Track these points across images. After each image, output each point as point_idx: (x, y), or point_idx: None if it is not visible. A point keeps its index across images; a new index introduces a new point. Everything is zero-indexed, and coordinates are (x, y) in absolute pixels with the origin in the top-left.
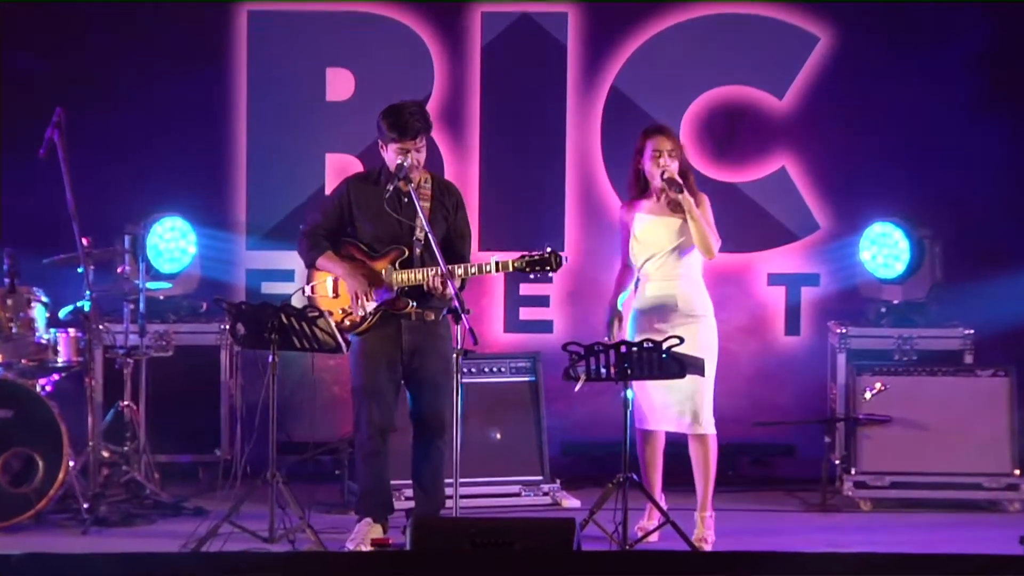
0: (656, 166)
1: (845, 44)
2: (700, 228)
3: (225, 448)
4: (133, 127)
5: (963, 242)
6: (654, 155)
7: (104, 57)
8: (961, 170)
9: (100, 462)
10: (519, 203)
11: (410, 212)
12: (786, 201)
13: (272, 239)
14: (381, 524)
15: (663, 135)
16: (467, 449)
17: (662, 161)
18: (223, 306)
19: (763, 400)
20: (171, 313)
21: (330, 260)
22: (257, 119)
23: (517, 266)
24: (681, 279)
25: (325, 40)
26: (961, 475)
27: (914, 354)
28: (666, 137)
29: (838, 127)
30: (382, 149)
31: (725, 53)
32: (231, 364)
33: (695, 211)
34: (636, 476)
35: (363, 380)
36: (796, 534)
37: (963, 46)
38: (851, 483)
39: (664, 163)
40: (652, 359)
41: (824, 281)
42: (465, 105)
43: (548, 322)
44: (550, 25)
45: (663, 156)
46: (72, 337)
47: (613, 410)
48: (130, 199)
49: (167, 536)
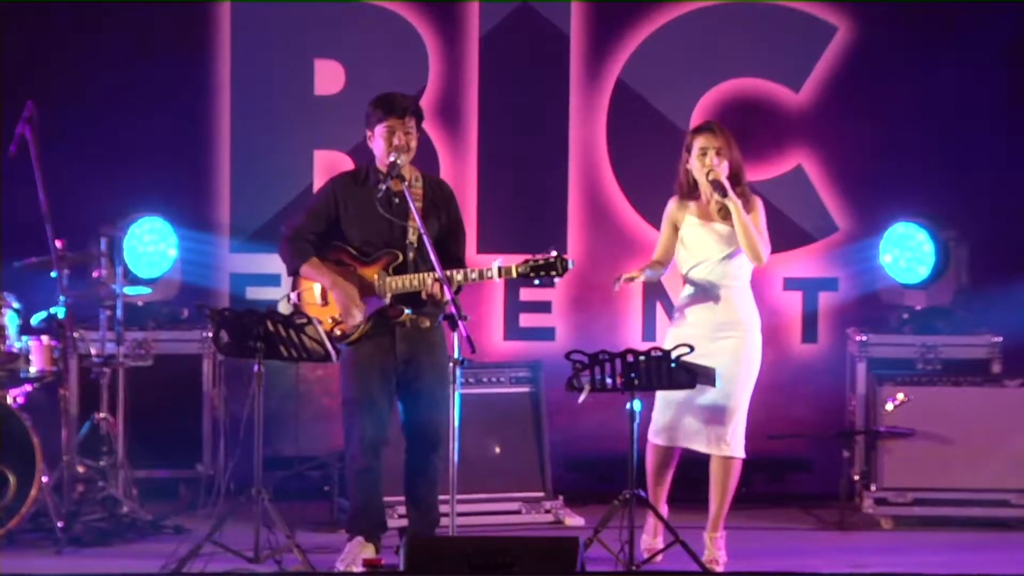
0: (703, 167)
1: (865, 34)
2: (748, 233)
3: (207, 463)
4: (110, 123)
5: (991, 244)
6: (700, 154)
7: (79, 49)
8: (989, 168)
9: (75, 478)
10: (519, 203)
11: (402, 213)
12: (803, 201)
13: (257, 241)
14: (373, 543)
15: (711, 132)
16: (464, 464)
17: (707, 160)
18: (205, 312)
19: (778, 412)
20: (150, 320)
21: (315, 268)
22: (241, 114)
23: (521, 271)
24: (728, 288)
25: (313, 30)
26: (988, 492)
27: (938, 363)
28: (715, 135)
29: (858, 122)
30: (370, 140)
31: (738, 44)
32: (214, 374)
33: (743, 216)
34: (643, 492)
35: (355, 391)
36: (813, 555)
37: (993, 36)
38: (871, 500)
39: (711, 163)
40: (661, 368)
41: (843, 286)
42: (462, 99)
43: (550, 329)
44: (552, 14)
45: (708, 155)
46: (45, 345)
47: (619, 422)
48: (107, 199)
49: (146, 556)
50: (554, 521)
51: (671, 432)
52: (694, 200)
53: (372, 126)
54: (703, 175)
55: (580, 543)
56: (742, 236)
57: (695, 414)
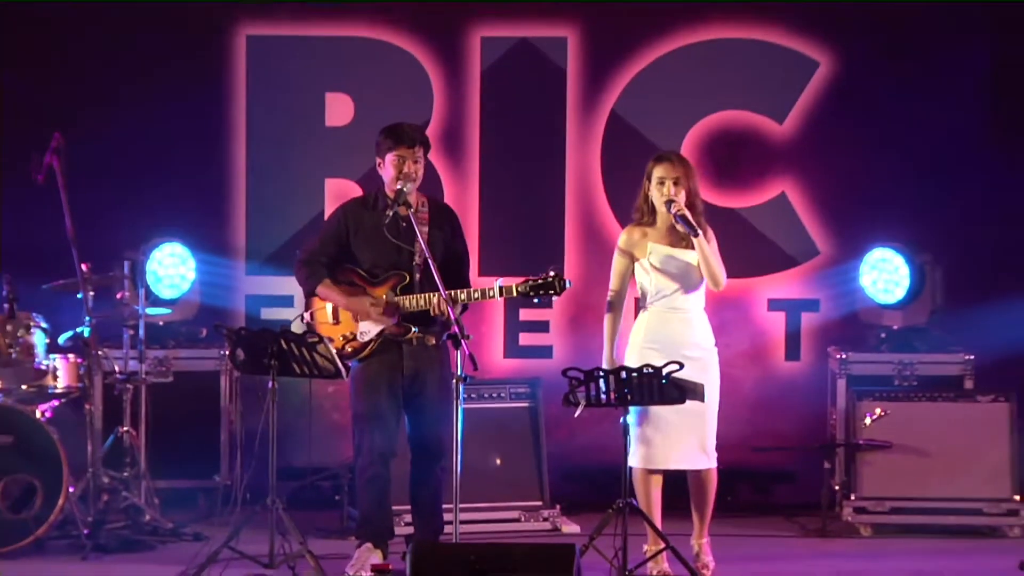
0: (661, 195)
1: (846, 69)
2: (710, 263)
3: (225, 474)
4: (132, 153)
5: (963, 267)
6: (658, 183)
7: (103, 82)
8: (962, 195)
9: (100, 488)
10: (519, 227)
11: (409, 237)
12: (786, 226)
13: (272, 264)
14: (381, 550)
15: (670, 162)
16: (467, 474)
17: (666, 189)
18: (223, 332)
19: (763, 425)
20: (170, 339)
21: (329, 289)
22: (256, 144)
23: (521, 291)
24: (691, 312)
25: (324, 65)
26: (961, 501)
27: (914, 380)
28: (673, 165)
29: (839, 152)
30: (380, 167)
31: (725, 78)
32: (231, 390)
33: (706, 247)
34: (636, 502)
35: (364, 405)
36: (796, 560)
37: (967, 71)
38: (851, 509)
39: (670, 192)
40: (652, 385)
41: (824, 307)
42: (465, 130)
43: (548, 347)
44: (550, 50)
45: (667, 184)
46: (72, 363)
47: (613, 436)
48: (129, 225)
49: (167, 562)
50: (552, 529)
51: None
52: (650, 227)
53: (382, 154)
54: (662, 203)
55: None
56: (704, 265)
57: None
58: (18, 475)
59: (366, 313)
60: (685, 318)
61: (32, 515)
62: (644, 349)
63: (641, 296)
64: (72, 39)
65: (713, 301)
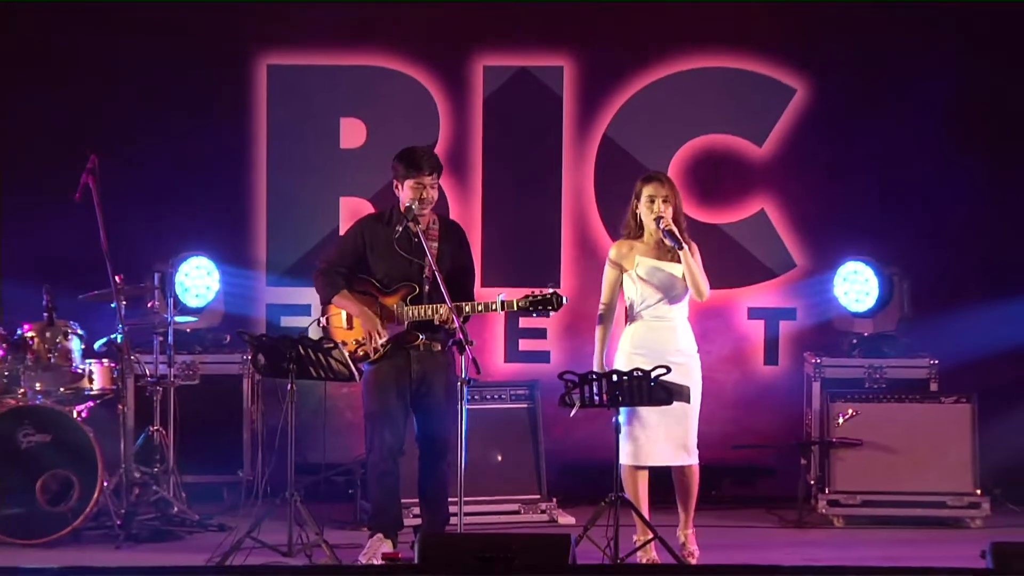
0: (650, 212)
1: (820, 95)
2: (695, 275)
3: (247, 469)
4: (161, 172)
5: (929, 278)
6: (648, 201)
7: (135, 106)
8: (927, 212)
9: (132, 482)
10: (519, 242)
11: (419, 252)
12: (765, 241)
13: (290, 276)
14: (391, 539)
15: (659, 182)
16: (470, 470)
17: (655, 207)
18: (245, 338)
19: (744, 425)
20: (197, 345)
21: (345, 298)
22: (276, 165)
23: (521, 306)
24: (675, 320)
25: (339, 92)
26: (927, 494)
27: (883, 382)
28: (661, 184)
29: (814, 172)
30: (396, 189)
31: (709, 104)
32: (252, 392)
33: (691, 260)
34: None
35: (376, 406)
36: (775, 549)
37: (931, 98)
38: (825, 501)
39: (659, 209)
40: (642, 387)
41: (800, 315)
42: (468, 151)
43: (545, 352)
44: (547, 78)
45: (656, 202)
46: (106, 367)
47: (605, 434)
48: (159, 240)
49: (194, 550)
50: (549, 520)
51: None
52: (638, 241)
53: (400, 179)
54: (651, 219)
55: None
56: (689, 277)
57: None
58: (57, 471)
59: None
60: (670, 326)
61: (69, 508)
62: (632, 355)
63: (629, 306)
64: (105, 69)
65: (697, 310)
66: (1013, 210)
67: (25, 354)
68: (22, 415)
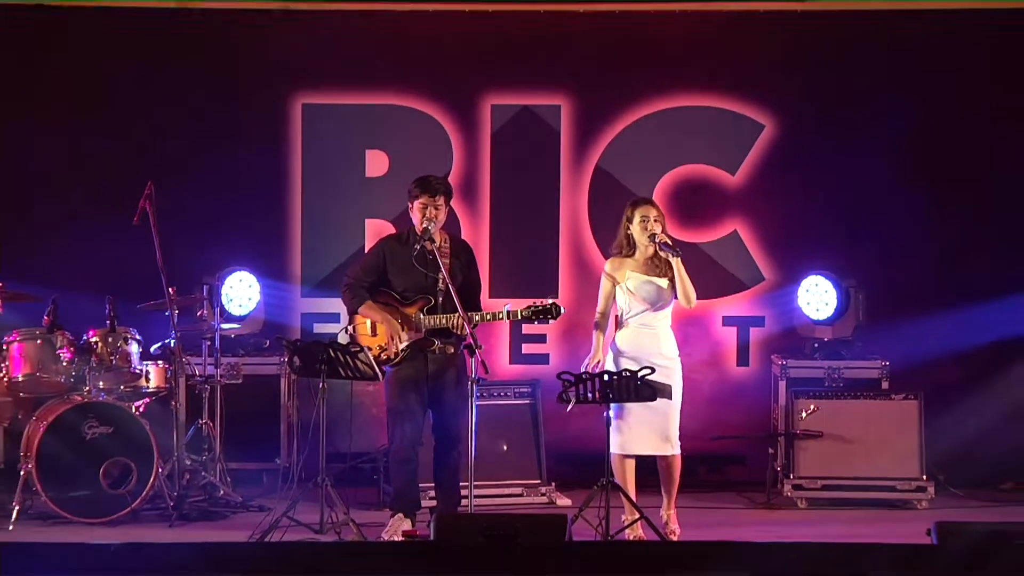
0: (645, 231)
1: (786, 130)
2: (685, 283)
3: (284, 457)
4: (209, 198)
5: (881, 291)
6: (641, 221)
7: (187, 141)
8: (879, 233)
9: (183, 469)
10: (522, 259)
11: (434, 267)
12: (738, 258)
13: (322, 288)
14: (410, 519)
15: (650, 204)
16: (479, 458)
17: (649, 226)
18: (282, 343)
19: (719, 419)
20: (240, 348)
21: (369, 308)
22: (309, 191)
23: (524, 315)
24: (660, 327)
25: (365, 127)
26: (879, 480)
27: (841, 381)
28: (652, 206)
29: (781, 198)
30: (410, 210)
31: (688, 138)
32: (288, 389)
33: (682, 270)
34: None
35: (397, 402)
36: (746, 527)
37: (887, 131)
38: (790, 486)
39: (652, 228)
40: (629, 386)
41: (768, 323)
42: (478, 180)
43: (545, 355)
44: (546, 116)
45: (650, 222)
46: (160, 368)
47: (597, 427)
48: (207, 256)
49: (237, 528)
50: (548, 502)
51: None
52: (630, 258)
53: (412, 201)
54: (645, 237)
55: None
56: (680, 284)
57: (646, 428)
58: (117, 458)
59: (393, 339)
60: (654, 333)
61: (129, 491)
62: (620, 358)
63: (619, 314)
64: (163, 111)
65: (678, 318)
66: (952, 232)
67: (90, 357)
68: (87, 410)
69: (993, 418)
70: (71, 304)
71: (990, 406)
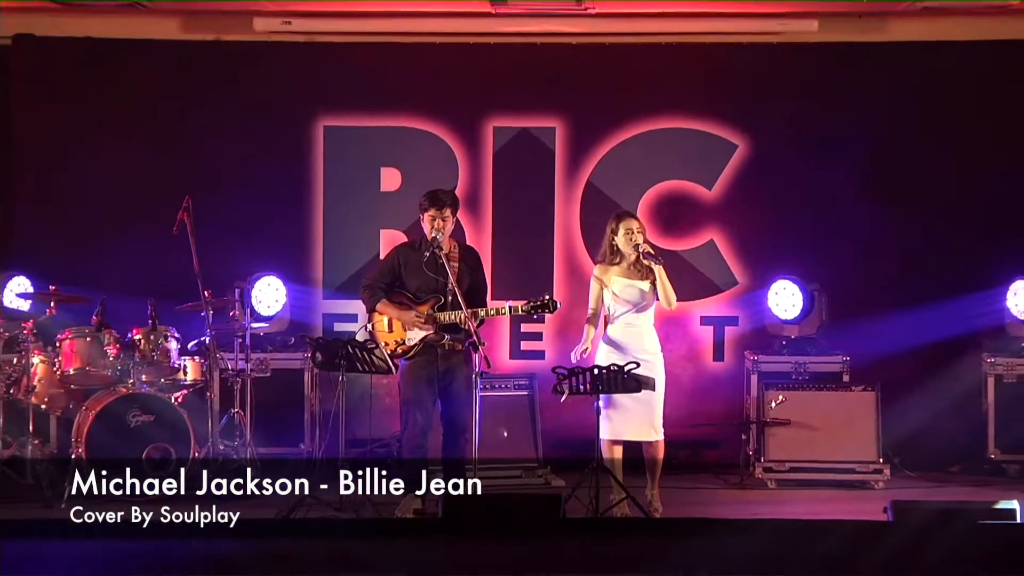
0: (630, 241)
1: (757, 149)
2: (667, 287)
3: (307, 443)
4: (242, 210)
5: (843, 294)
6: (627, 232)
7: (221, 159)
8: (842, 241)
9: (217, 453)
10: (520, 264)
11: (444, 271)
12: (714, 264)
13: (342, 291)
14: (421, 498)
15: (633, 218)
16: (482, 443)
17: (634, 238)
18: (306, 340)
19: (697, 408)
20: (268, 345)
21: (386, 306)
22: (331, 204)
23: (524, 310)
24: (643, 326)
25: (380, 146)
26: (840, 463)
27: (807, 375)
28: (635, 219)
29: (752, 210)
30: (421, 220)
31: (670, 156)
32: (312, 382)
33: (664, 277)
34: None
35: (410, 393)
36: (722, 506)
37: (851, 149)
38: (761, 468)
39: (636, 239)
40: (617, 378)
41: (741, 322)
42: (481, 194)
43: (542, 351)
44: (543, 136)
45: (634, 234)
46: (197, 363)
47: (588, 415)
48: (239, 263)
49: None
50: (544, 483)
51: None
52: (615, 264)
53: (422, 212)
54: (630, 247)
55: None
56: (662, 288)
57: (632, 416)
58: (158, 444)
59: (412, 325)
60: (638, 331)
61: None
62: (608, 353)
63: (607, 314)
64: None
65: (660, 318)
66: (907, 240)
67: (134, 352)
68: (131, 400)
69: (943, 407)
70: (117, 305)
71: (940, 397)
